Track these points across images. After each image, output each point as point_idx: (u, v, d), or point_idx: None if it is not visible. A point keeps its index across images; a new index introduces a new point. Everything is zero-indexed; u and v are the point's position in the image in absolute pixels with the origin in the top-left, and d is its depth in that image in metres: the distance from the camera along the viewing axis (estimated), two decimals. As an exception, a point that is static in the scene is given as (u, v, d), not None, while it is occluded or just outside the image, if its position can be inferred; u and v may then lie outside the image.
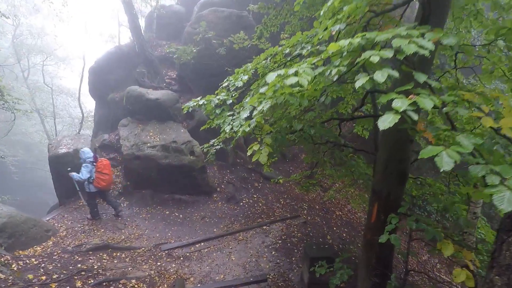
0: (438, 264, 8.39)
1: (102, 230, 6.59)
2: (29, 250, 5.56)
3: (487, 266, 1.54)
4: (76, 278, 4.64)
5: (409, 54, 1.42)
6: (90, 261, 5.27)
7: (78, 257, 5.32)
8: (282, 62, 3.36)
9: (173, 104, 9.35)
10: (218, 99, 3.20)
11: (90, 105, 19.27)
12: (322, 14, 2.36)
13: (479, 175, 1.31)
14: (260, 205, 8.46)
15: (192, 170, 8.12)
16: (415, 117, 1.35)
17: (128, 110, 9.43)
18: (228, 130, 2.79)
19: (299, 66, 1.87)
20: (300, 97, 2.53)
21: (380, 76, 1.44)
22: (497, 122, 1.59)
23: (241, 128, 2.64)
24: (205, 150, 4.92)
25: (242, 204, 8.46)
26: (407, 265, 4.16)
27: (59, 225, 6.68)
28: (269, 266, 5.66)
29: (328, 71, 2.01)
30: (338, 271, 3.27)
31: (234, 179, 9.28)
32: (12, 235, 5.46)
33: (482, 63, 4.22)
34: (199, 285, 5.11)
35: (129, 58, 11.54)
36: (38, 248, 5.69)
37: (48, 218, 6.97)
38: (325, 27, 2.33)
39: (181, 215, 7.73)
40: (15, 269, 4.68)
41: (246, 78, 3.00)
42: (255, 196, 8.87)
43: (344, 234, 7.67)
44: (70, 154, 7.57)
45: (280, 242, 6.48)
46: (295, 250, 6.21)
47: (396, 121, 1.34)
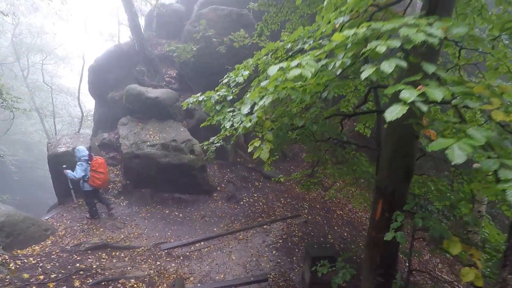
0: (439, 264, 8.34)
1: (101, 229, 6.54)
2: (27, 249, 5.51)
3: (499, 264, 1.48)
4: (74, 277, 4.59)
5: (417, 43, 1.36)
6: (89, 260, 5.22)
7: (76, 256, 5.27)
8: (284, 57, 3.30)
9: (173, 102, 9.29)
10: (218, 95, 3.14)
11: (90, 104, 19.24)
12: (324, 5, 2.30)
13: (492, 169, 1.26)
14: (260, 204, 8.41)
15: (192, 169, 8.07)
16: (424, 108, 1.29)
17: (127, 108, 9.37)
18: (228, 127, 2.73)
19: (302, 58, 1.81)
20: (302, 92, 2.47)
21: (387, 66, 1.38)
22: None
23: (241, 124, 2.58)
24: (205, 148, 4.86)
25: (242, 203, 8.40)
26: (410, 264, 4.11)
27: (58, 224, 6.62)
28: (269, 266, 5.61)
29: (332, 64, 1.95)
30: (341, 271, 3.21)
31: (234, 178, 9.23)
32: (10, 234, 5.42)
33: (486, 60, 4.16)
34: (199, 284, 5.06)
35: (128, 57, 11.48)
36: (37, 247, 5.64)
37: (47, 217, 6.91)
38: (328, 21, 2.27)
39: (181, 214, 7.68)
40: (13, 268, 4.63)
41: (247, 73, 2.94)
42: (256, 195, 8.82)
43: (345, 234, 7.61)
44: (69, 153, 7.49)
45: (280, 241, 6.43)
46: (296, 250, 6.16)
47: (404, 112, 1.28)
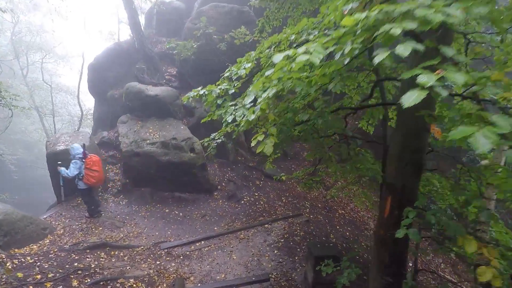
0: (442, 263, 8.25)
1: (100, 228, 6.45)
2: (25, 248, 5.43)
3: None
4: (72, 277, 4.51)
5: (435, 24, 1.26)
6: (87, 259, 5.13)
7: (75, 255, 5.18)
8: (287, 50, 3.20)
9: (173, 100, 9.20)
10: (220, 89, 3.04)
11: (89, 103, 19.14)
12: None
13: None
14: (261, 203, 8.31)
15: (192, 167, 7.97)
16: (445, 93, 1.20)
17: (127, 107, 9.28)
18: (230, 120, 2.64)
19: (310, 45, 1.71)
20: (307, 83, 2.38)
21: (402, 49, 1.28)
22: None
23: (244, 118, 2.48)
24: (205, 144, 4.76)
25: (243, 202, 8.31)
26: (417, 264, 4.02)
27: (57, 223, 6.54)
28: (271, 265, 5.51)
29: (339, 52, 1.86)
30: (346, 270, 3.12)
31: (235, 177, 9.13)
32: (7, 233, 5.34)
33: (493, 55, 4.05)
34: (200, 284, 4.97)
35: (128, 55, 11.40)
36: (35, 246, 5.56)
37: (45, 216, 6.82)
38: (335, 8, 2.17)
39: (181, 213, 7.59)
40: (10, 267, 4.54)
41: (249, 66, 2.84)
42: (257, 194, 8.72)
43: (347, 233, 7.51)
44: (68, 151, 7.38)
45: (282, 240, 6.33)
46: (298, 249, 6.06)
47: (422, 97, 1.18)
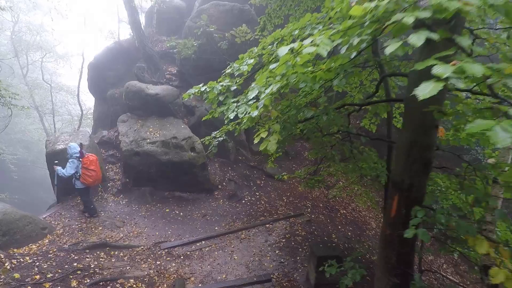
0: (444, 264, 8.18)
1: (100, 228, 6.40)
2: (24, 248, 5.38)
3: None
4: (71, 277, 4.46)
5: (451, 11, 1.20)
6: (87, 260, 5.08)
7: (74, 255, 5.13)
8: (290, 46, 3.13)
9: (173, 99, 9.13)
10: (222, 86, 2.98)
11: (89, 102, 19.09)
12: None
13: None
14: (262, 203, 8.25)
15: (193, 166, 7.91)
16: (461, 84, 1.14)
17: (127, 106, 9.22)
18: (232, 117, 2.57)
19: (316, 37, 1.65)
20: (311, 79, 2.31)
21: (416, 38, 1.22)
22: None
23: (247, 114, 2.42)
24: (206, 143, 4.70)
25: (244, 201, 8.25)
26: (421, 264, 3.95)
27: (56, 222, 6.48)
28: (273, 266, 5.45)
29: (346, 45, 1.80)
30: (350, 271, 3.06)
31: (235, 177, 9.07)
32: (6, 233, 5.29)
33: (500, 52, 3.99)
34: (200, 285, 4.91)
35: (128, 54, 11.34)
36: (34, 246, 5.50)
37: (45, 216, 6.77)
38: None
39: (181, 213, 7.53)
40: (8, 268, 4.49)
41: (252, 62, 2.78)
42: (258, 193, 8.66)
43: (349, 233, 7.44)
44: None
45: (284, 240, 6.27)
46: (300, 249, 6.00)
47: (439, 89, 1.12)
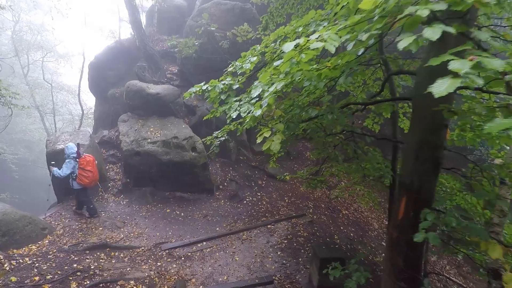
0: (447, 265, 8.10)
1: (101, 229, 6.34)
2: (23, 249, 5.32)
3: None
4: (71, 278, 4.41)
5: (469, 3, 1.14)
6: (87, 261, 5.03)
7: (74, 256, 5.08)
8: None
9: (174, 99, 9.08)
10: (224, 84, 2.92)
11: (90, 102, 19.04)
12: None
13: None
14: (264, 203, 8.19)
15: (193, 166, 7.85)
16: (480, 81, 1.07)
17: (128, 105, 9.17)
18: (234, 116, 2.51)
19: (323, 32, 1.58)
20: (317, 77, 2.25)
21: (431, 32, 1.15)
22: None
23: (250, 113, 2.36)
24: (207, 143, 4.64)
25: (245, 202, 8.18)
26: (426, 267, 3.88)
27: (56, 223, 6.43)
28: (274, 267, 5.39)
29: (353, 42, 1.73)
30: (354, 274, 2.99)
31: (237, 177, 9.01)
32: (6, 233, 5.24)
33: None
34: (201, 287, 4.85)
35: (129, 53, 11.28)
36: (33, 246, 5.45)
37: (45, 216, 6.72)
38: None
39: (182, 213, 7.47)
40: (7, 269, 4.44)
41: (254, 60, 2.72)
42: (259, 194, 8.60)
43: (351, 234, 7.38)
44: (68, 150, 7.31)
45: (285, 241, 6.21)
46: (302, 250, 5.93)
47: (456, 85, 1.05)
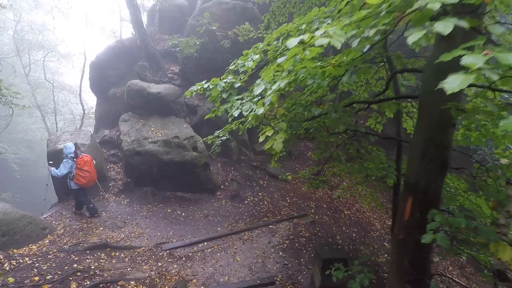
0: (450, 266, 8.04)
1: (101, 229, 6.32)
2: (24, 248, 5.30)
3: None
4: (71, 279, 4.37)
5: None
6: (87, 261, 5.00)
7: (74, 256, 5.05)
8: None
9: (175, 98, 9.05)
10: (225, 83, 2.88)
11: (91, 101, 19.05)
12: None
13: None
14: (265, 203, 8.14)
15: (195, 166, 7.82)
16: (495, 77, 1.02)
17: (129, 105, 9.15)
18: (236, 115, 2.47)
19: (328, 27, 1.54)
20: (320, 75, 2.20)
21: (442, 26, 1.11)
22: None
23: (252, 112, 2.32)
24: (208, 142, 4.60)
25: (247, 202, 8.14)
26: (430, 268, 3.82)
27: (57, 222, 6.41)
28: (276, 268, 5.34)
29: (358, 38, 1.68)
30: (358, 275, 2.94)
31: (238, 177, 8.97)
32: (6, 233, 5.22)
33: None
34: (202, 287, 4.81)
35: (130, 53, 11.28)
36: (34, 246, 5.42)
37: (45, 216, 6.70)
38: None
39: (183, 213, 7.44)
40: (7, 269, 4.41)
41: (257, 58, 2.67)
42: (260, 194, 8.55)
43: (353, 234, 7.32)
44: (69, 149, 7.28)
45: (287, 242, 6.16)
46: (304, 251, 5.88)
47: (469, 81, 1.01)
